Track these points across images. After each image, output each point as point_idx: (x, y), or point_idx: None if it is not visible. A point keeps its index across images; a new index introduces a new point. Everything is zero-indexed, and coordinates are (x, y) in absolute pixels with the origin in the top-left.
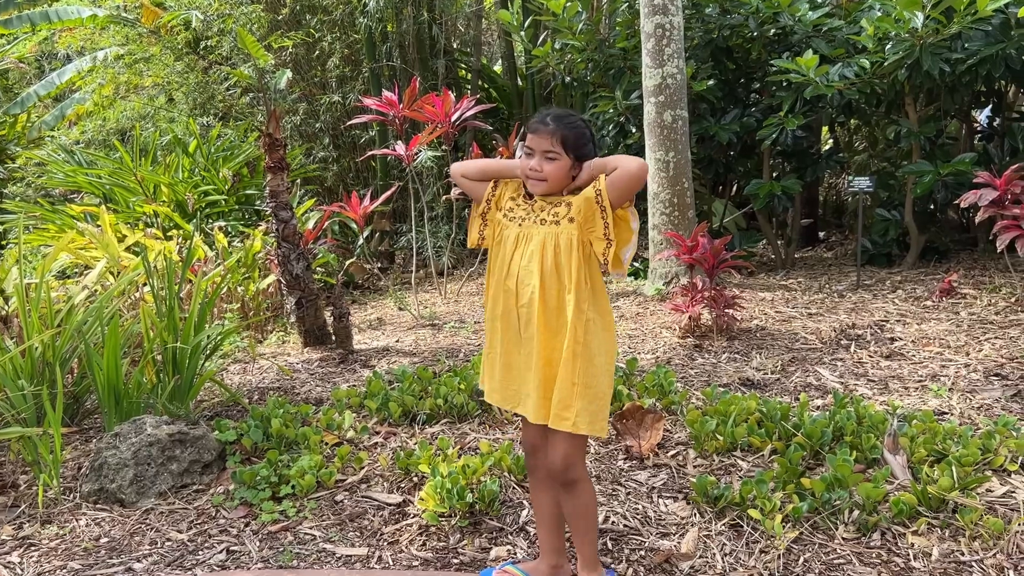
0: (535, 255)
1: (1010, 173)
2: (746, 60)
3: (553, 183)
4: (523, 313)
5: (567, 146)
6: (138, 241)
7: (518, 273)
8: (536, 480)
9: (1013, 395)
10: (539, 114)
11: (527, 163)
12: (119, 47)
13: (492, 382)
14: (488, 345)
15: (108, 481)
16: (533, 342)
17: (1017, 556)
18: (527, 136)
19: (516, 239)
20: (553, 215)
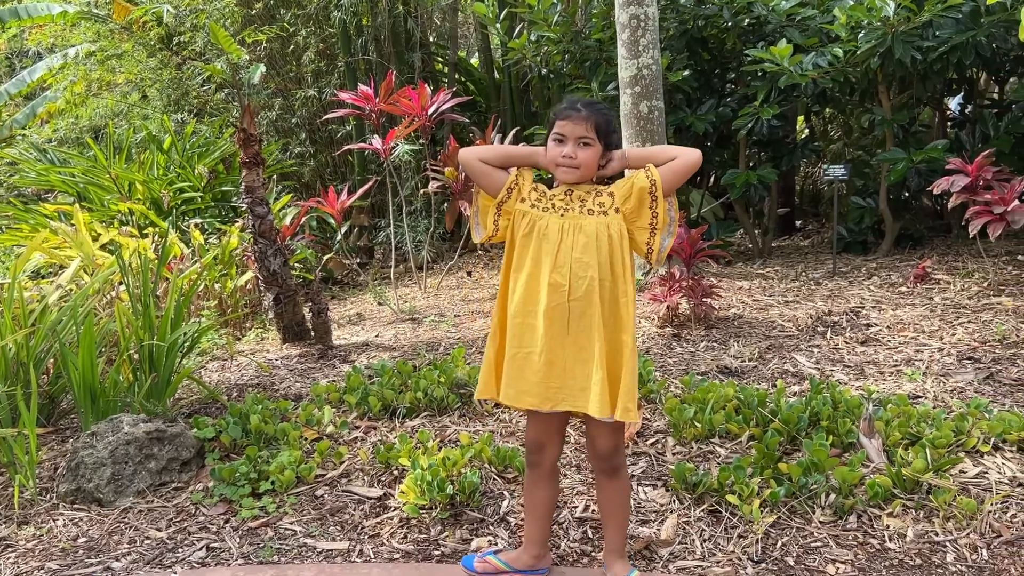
0: (590, 246)
1: (981, 159)
2: (721, 50)
3: (585, 171)
4: (575, 307)
5: (600, 133)
6: (113, 239)
7: (570, 265)
8: (538, 475)
9: (985, 378)
10: (567, 101)
11: (559, 150)
12: (90, 43)
13: (523, 383)
14: (515, 346)
15: (85, 481)
16: (588, 335)
17: (990, 535)
18: (556, 123)
19: (561, 230)
20: (599, 204)
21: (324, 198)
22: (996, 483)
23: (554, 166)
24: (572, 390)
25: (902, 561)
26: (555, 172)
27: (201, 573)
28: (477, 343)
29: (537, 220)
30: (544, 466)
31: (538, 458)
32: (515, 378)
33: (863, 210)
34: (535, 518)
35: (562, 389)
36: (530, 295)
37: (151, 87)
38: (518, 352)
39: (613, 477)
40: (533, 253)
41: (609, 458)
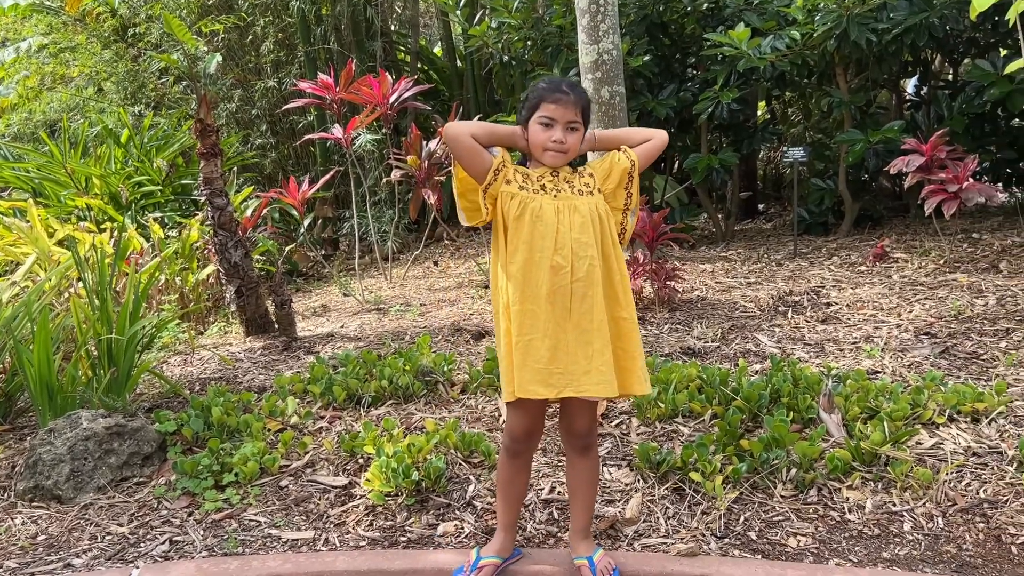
0: (586, 226)
1: (935, 139)
2: (681, 35)
3: (572, 155)
4: (578, 288)
5: (584, 116)
6: (69, 235)
7: (571, 246)
8: (521, 463)
9: (941, 352)
10: (549, 82)
11: (547, 135)
12: (43, 36)
13: (528, 372)
14: (517, 334)
15: (43, 478)
16: (590, 316)
17: (946, 504)
18: (543, 106)
19: (556, 211)
20: (586, 185)
21: (285, 189)
22: (951, 453)
23: (541, 151)
24: (575, 374)
25: (861, 532)
26: (540, 157)
27: (164, 567)
28: (443, 331)
29: (529, 202)
30: (528, 455)
31: (524, 446)
32: (519, 367)
33: (823, 192)
34: (513, 506)
35: (565, 374)
36: (529, 280)
37: (106, 80)
38: (519, 340)
39: (585, 455)
40: (527, 236)
41: (586, 436)
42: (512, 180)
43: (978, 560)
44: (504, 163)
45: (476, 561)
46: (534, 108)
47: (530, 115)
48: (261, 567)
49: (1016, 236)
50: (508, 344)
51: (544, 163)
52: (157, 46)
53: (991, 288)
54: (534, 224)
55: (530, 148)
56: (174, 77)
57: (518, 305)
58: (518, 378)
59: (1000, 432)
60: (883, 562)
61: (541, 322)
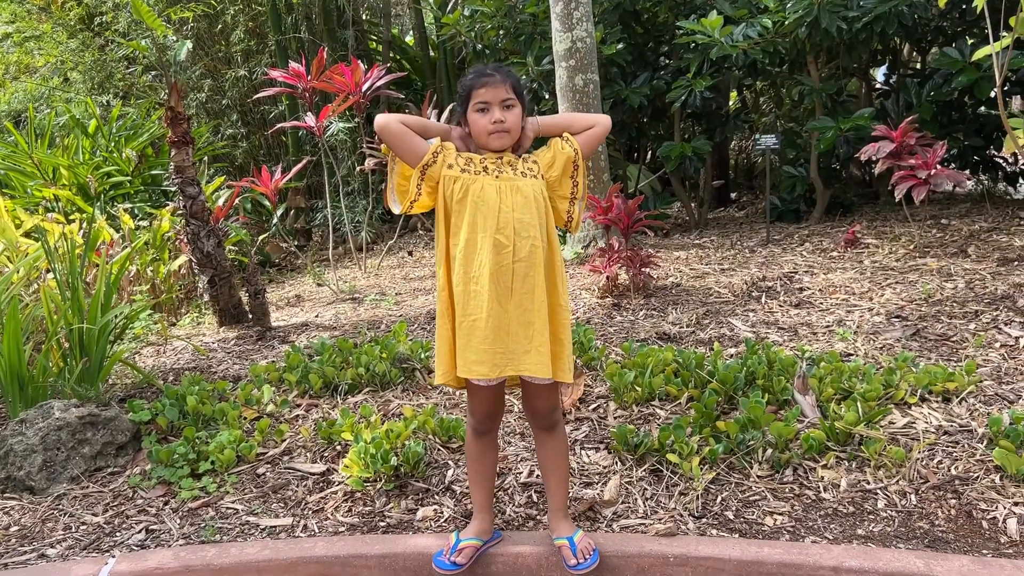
0: (529, 207)
1: (905, 126)
2: (654, 23)
3: (514, 134)
4: (519, 268)
5: (517, 93)
6: (37, 225)
7: (513, 226)
8: (487, 442)
9: (912, 334)
10: (474, 71)
11: (487, 118)
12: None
13: (472, 353)
14: (461, 314)
15: (15, 469)
16: (531, 297)
17: (918, 481)
18: (475, 92)
19: (499, 191)
20: (529, 169)
21: (257, 178)
22: (923, 432)
23: (485, 135)
24: (516, 354)
25: (836, 510)
26: (486, 143)
27: (141, 555)
28: (419, 319)
29: (471, 184)
30: (493, 433)
31: (488, 426)
32: (463, 348)
33: (795, 179)
34: (484, 486)
35: (506, 354)
36: (470, 260)
37: (73, 70)
38: (463, 320)
39: (552, 432)
40: (469, 218)
41: (548, 415)
42: (454, 164)
43: (950, 535)
44: (443, 147)
45: (455, 544)
46: (467, 99)
47: (466, 106)
48: (239, 554)
49: (983, 222)
50: (449, 325)
51: (491, 147)
52: (124, 35)
53: (960, 272)
54: (476, 205)
55: (475, 138)
56: (142, 66)
57: (462, 286)
58: (462, 359)
59: (970, 411)
60: (858, 539)
61: (483, 302)
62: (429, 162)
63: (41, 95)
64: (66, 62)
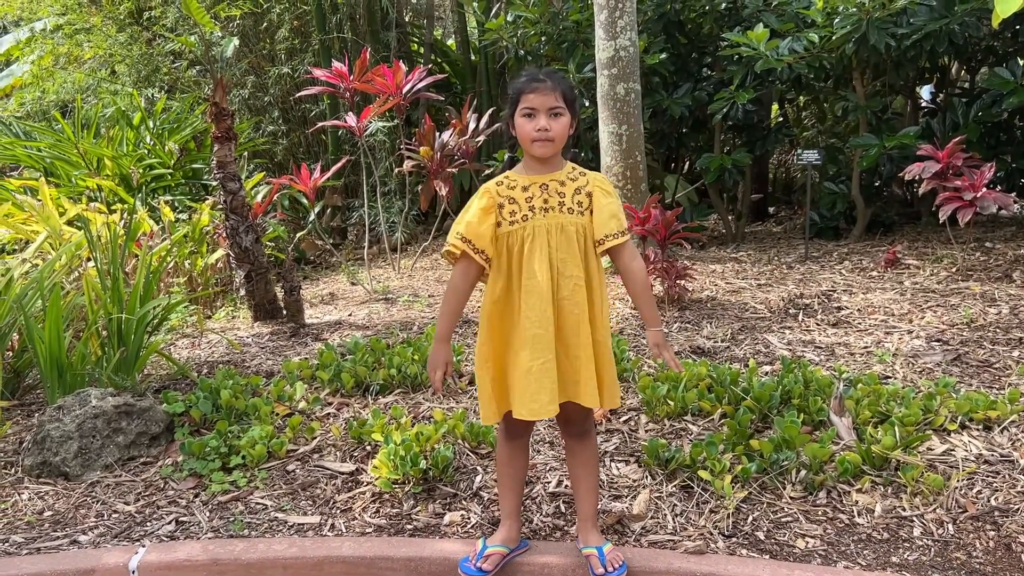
0: (571, 245)
1: (952, 146)
2: (698, 34)
3: (559, 142)
4: (564, 306)
5: (568, 101)
6: (80, 214)
7: (557, 266)
8: (518, 447)
9: (953, 359)
10: (525, 75)
11: (532, 124)
12: (58, 16)
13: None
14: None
15: (51, 454)
16: (575, 332)
17: (956, 511)
18: (523, 97)
19: (547, 231)
20: (577, 204)
21: (297, 176)
22: (962, 460)
23: (528, 142)
24: (566, 384)
25: (870, 536)
26: (529, 149)
27: (170, 546)
28: None
29: (522, 233)
30: (525, 437)
31: (521, 431)
32: (536, 391)
33: (835, 196)
34: (515, 492)
35: (563, 384)
36: (532, 304)
37: (120, 63)
38: (532, 365)
39: (583, 440)
40: (527, 262)
41: (581, 423)
42: (502, 220)
43: (988, 568)
44: (494, 204)
45: (482, 551)
46: (515, 102)
47: (513, 110)
48: (267, 550)
49: None
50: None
51: (534, 154)
52: (172, 30)
53: (1004, 297)
54: (532, 250)
55: (519, 142)
56: (188, 61)
57: (532, 330)
58: (539, 400)
59: (1012, 441)
60: (892, 566)
61: (540, 343)
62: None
63: (88, 86)
64: (114, 55)
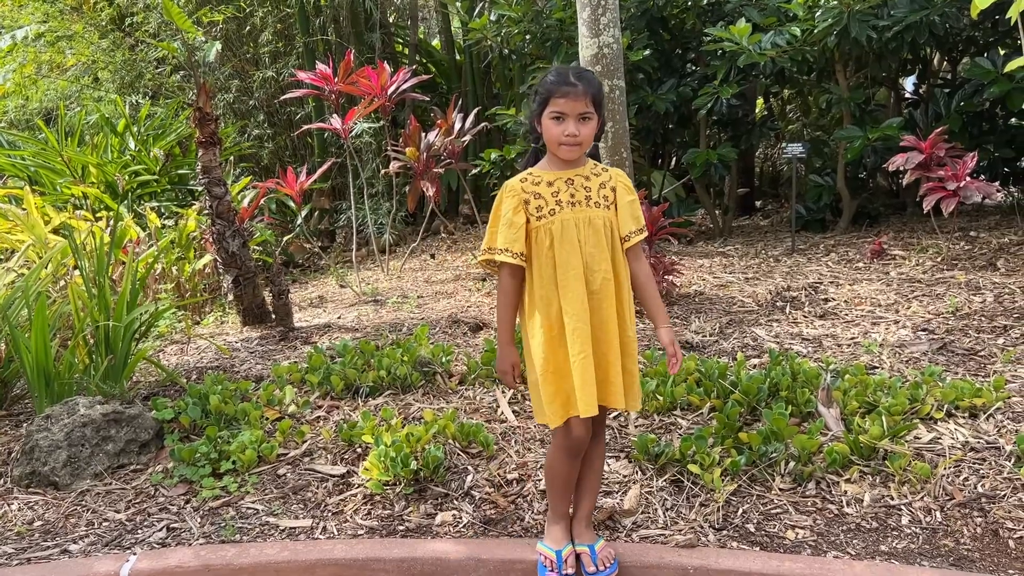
0: (600, 240)
1: (934, 136)
2: (681, 30)
3: (587, 146)
4: (594, 301)
5: (597, 104)
6: (65, 223)
7: (586, 260)
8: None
9: (939, 348)
10: (556, 75)
11: (560, 128)
12: (39, 24)
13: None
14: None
15: (40, 464)
16: (604, 328)
17: (943, 498)
18: (553, 100)
19: (576, 225)
20: (604, 198)
21: (283, 179)
22: (949, 448)
23: (556, 145)
24: (601, 383)
25: (859, 525)
26: (555, 151)
27: (161, 553)
28: (441, 323)
29: (551, 227)
30: (585, 450)
31: (584, 444)
32: (581, 386)
33: (821, 188)
34: (568, 497)
35: (598, 385)
36: (568, 298)
37: (103, 69)
38: (576, 359)
39: (595, 440)
40: (560, 258)
41: (599, 423)
42: (531, 215)
43: (976, 554)
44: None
45: (559, 555)
46: (544, 103)
47: (541, 109)
48: (259, 554)
49: (1013, 234)
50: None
51: (561, 157)
52: (155, 35)
53: (989, 285)
54: (561, 244)
55: (546, 142)
56: (171, 67)
57: (572, 324)
58: (586, 395)
59: (998, 428)
60: (881, 555)
61: (581, 339)
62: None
63: (72, 94)
64: (97, 61)
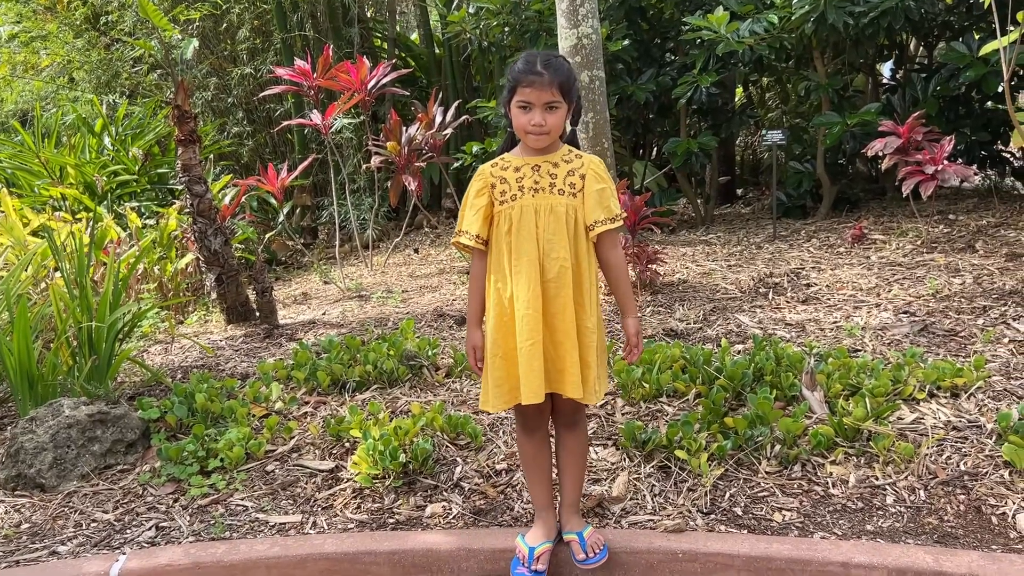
0: (559, 228)
1: (912, 121)
2: (659, 19)
3: (554, 134)
4: (550, 288)
5: (564, 92)
6: (44, 224)
7: (543, 246)
8: (540, 439)
9: (920, 330)
10: (524, 63)
11: (527, 118)
12: (13, 25)
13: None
14: (525, 338)
15: (26, 466)
16: (561, 317)
17: (927, 477)
18: (519, 89)
19: (535, 211)
20: (570, 185)
21: (264, 176)
22: (932, 428)
23: (523, 133)
24: (550, 373)
25: (845, 506)
26: (524, 139)
27: (152, 552)
28: (426, 316)
29: (511, 212)
30: (543, 429)
31: (538, 422)
32: (526, 372)
33: (801, 175)
34: (544, 485)
35: (547, 372)
36: (521, 284)
37: (79, 69)
38: (523, 345)
39: (573, 429)
40: (513, 244)
41: (572, 414)
42: (496, 198)
43: (959, 531)
44: (486, 184)
45: (530, 552)
46: (512, 91)
47: (510, 98)
48: (249, 550)
49: (991, 217)
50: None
51: (530, 146)
52: (130, 34)
53: (968, 267)
54: (518, 230)
55: (515, 131)
56: (148, 65)
57: (522, 311)
58: (531, 383)
59: (979, 406)
60: (867, 534)
61: (530, 326)
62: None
63: (47, 94)
64: (72, 61)
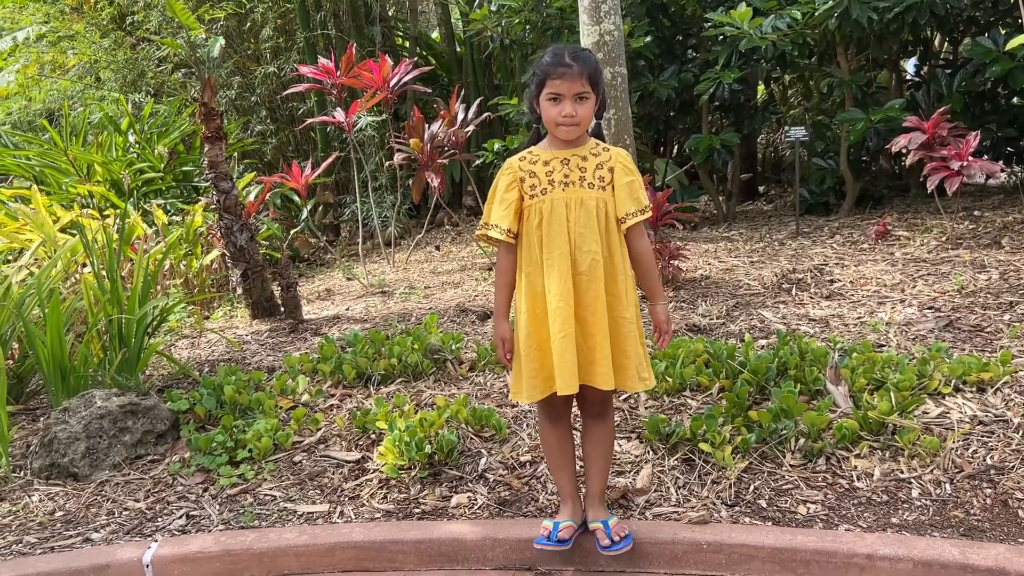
0: (590, 221)
1: (937, 116)
2: (681, 16)
3: (584, 125)
4: (581, 281)
5: (593, 83)
6: (74, 221)
7: (574, 240)
8: (564, 428)
9: (945, 325)
10: (552, 56)
11: (557, 109)
12: (41, 25)
13: (568, 367)
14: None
15: (59, 456)
16: (592, 309)
17: (952, 471)
18: (549, 82)
19: (566, 205)
20: (599, 179)
21: (288, 173)
22: (957, 422)
23: (554, 126)
24: (582, 364)
25: (870, 499)
26: (554, 131)
27: (183, 540)
28: (449, 312)
29: (541, 206)
30: (567, 418)
31: (563, 411)
32: (559, 364)
33: (824, 171)
34: (569, 473)
35: (579, 364)
36: (553, 277)
37: (105, 69)
38: (556, 337)
39: (601, 420)
40: (545, 239)
41: (601, 403)
42: (525, 193)
43: (986, 524)
44: (516, 179)
45: (555, 526)
46: (541, 85)
47: (538, 91)
48: (278, 539)
49: (1017, 213)
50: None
51: (559, 137)
52: (156, 33)
53: (994, 263)
54: (549, 225)
55: (544, 124)
56: (173, 64)
57: (555, 303)
58: (565, 374)
59: (1005, 401)
60: (892, 527)
61: (562, 320)
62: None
63: (75, 93)
64: (99, 61)
